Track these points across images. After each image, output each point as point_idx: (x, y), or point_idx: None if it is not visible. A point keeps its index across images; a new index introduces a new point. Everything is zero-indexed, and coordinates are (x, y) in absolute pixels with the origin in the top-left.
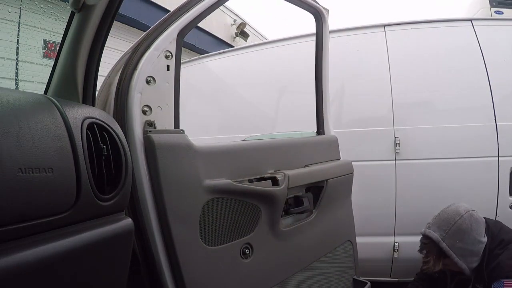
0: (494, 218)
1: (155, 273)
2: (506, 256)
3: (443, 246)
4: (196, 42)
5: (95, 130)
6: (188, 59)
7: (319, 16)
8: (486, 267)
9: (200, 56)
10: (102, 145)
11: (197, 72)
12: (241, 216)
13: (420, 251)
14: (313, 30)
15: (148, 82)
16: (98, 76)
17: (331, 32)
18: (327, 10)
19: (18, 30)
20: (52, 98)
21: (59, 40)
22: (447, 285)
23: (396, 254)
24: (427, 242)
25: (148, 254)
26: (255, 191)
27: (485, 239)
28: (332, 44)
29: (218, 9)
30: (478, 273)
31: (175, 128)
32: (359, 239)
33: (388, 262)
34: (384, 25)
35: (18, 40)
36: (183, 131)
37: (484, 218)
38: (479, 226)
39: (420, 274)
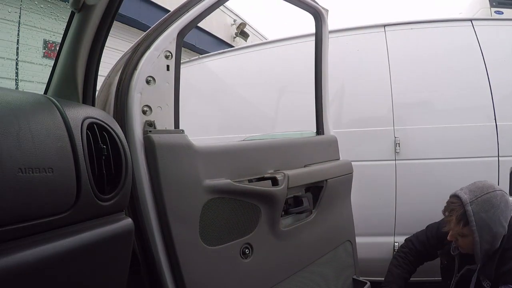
0: None
1: (155, 273)
2: None
3: (468, 209)
4: (196, 42)
5: (95, 130)
6: (188, 59)
7: (318, 17)
8: (497, 266)
9: (200, 56)
10: (102, 145)
11: (197, 72)
12: (241, 216)
13: (444, 211)
14: (313, 30)
15: (148, 82)
16: (98, 76)
17: (331, 32)
18: (327, 11)
19: (18, 30)
20: (52, 98)
21: (59, 40)
22: (454, 275)
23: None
24: (455, 202)
25: (148, 254)
26: (255, 191)
27: (505, 228)
28: (332, 44)
29: (218, 9)
30: (485, 267)
31: (175, 128)
32: (359, 239)
33: (388, 262)
34: (384, 25)
35: (18, 40)
36: (183, 131)
37: None
38: (507, 209)
39: (415, 250)
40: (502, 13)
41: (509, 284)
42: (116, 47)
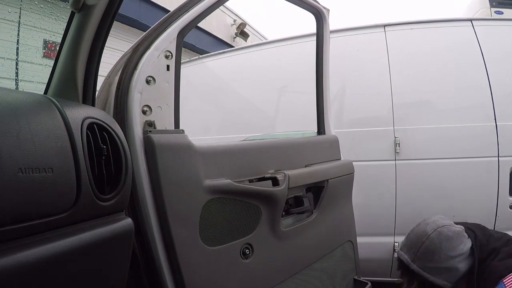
0: (494, 218)
1: (155, 273)
2: (496, 260)
3: (413, 268)
4: (196, 42)
5: (95, 130)
6: (188, 59)
7: (319, 16)
8: (478, 277)
9: (200, 56)
10: (102, 145)
11: (197, 72)
12: (241, 216)
13: (398, 269)
14: (314, 30)
15: (148, 82)
16: (98, 76)
17: (331, 32)
18: (328, 10)
19: (18, 30)
20: (52, 98)
21: (59, 40)
22: None
23: (396, 254)
24: (400, 265)
25: (148, 254)
26: (256, 191)
27: (462, 254)
28: (332, 44)
29: (218, 9)
30: (469, 284)
31: (175, 128)
32: (359, 239)
33: (388, 262)
34: (384, 25)
35: (18, 40)
36: (183, 131)
37: (469, 228)
38: (450, 243)
39: None
40: (502, 13)
41: (499, 281)
42: (116, 47)
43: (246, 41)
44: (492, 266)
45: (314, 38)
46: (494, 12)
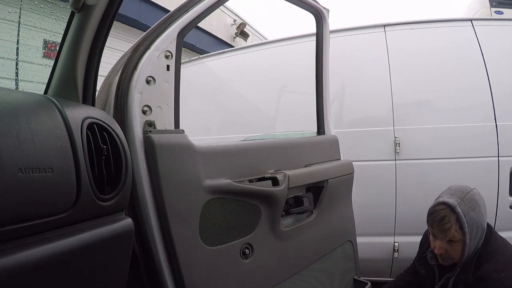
0: (494, 218)
1: (155, 273)
2: (493, 268)
3: (458, 211)
4: (196, 42)
5: (95, 130)
6: (188, 59)
7: (319, 16)
8: (473, 271)
9: (200, 56)
10: (102, 145)
11: (197, 72)
12: (241, 216)
13: (432, 222)
14: (314, 30)
15: (148, 82)
16: (98, 76)
17: (331, 32)
18: (328, 10)
19: (18, 30)
20: (52, 98)
21: (59, 40)
22: (436, 284)
23: (396, 254)
24: (444, 208)
25: (148, 254)
26: (255, 191)
27: (485, 226)
28: (332, 44)
29: (218, 9)
30: (463, 271)
31: (175, 128)
32: (359, 239)
33: (388, 262)
34: (384, 25)
35: (18, 40)
36: (183, 131)
37: None
38: (485, 206)
39: (405, 273)
40: (502, 13)
41: None
42: (116, 47)
43: (246, 41)
44: (487, 275)
45: (314, 38)
46: (494, 12)
